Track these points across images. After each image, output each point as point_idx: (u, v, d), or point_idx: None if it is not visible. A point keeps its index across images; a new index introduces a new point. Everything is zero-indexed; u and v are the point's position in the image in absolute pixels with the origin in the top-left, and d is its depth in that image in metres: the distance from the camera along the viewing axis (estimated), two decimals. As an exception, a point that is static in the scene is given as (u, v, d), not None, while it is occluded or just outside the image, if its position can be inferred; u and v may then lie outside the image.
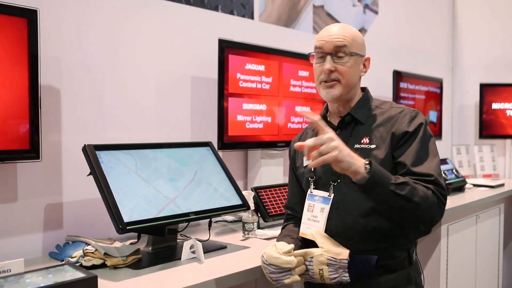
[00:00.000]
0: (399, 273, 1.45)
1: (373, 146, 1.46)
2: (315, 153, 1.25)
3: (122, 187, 1.60)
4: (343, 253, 1.37)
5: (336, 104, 1.54)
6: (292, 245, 1.42)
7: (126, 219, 1.52)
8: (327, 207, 1.48)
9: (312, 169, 1.54)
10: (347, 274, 1.35)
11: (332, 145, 1.24)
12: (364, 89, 1.60)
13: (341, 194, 1.47)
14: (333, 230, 1.46)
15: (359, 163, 1.28)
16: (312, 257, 1.39)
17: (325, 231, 1.46)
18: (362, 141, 1.48)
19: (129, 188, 1.61)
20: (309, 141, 1.26)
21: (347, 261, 1.35)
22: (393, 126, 1.46)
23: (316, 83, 1.55)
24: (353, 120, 1.52)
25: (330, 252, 1.37)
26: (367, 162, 1.28)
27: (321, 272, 1.37)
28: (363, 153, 1.43)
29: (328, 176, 1.51)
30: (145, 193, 1.65)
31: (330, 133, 1.27)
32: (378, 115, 1.52)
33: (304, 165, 1.60)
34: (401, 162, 1.42)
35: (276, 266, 1.38)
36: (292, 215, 1.69)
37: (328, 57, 1.47)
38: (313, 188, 1.54)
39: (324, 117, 1.60)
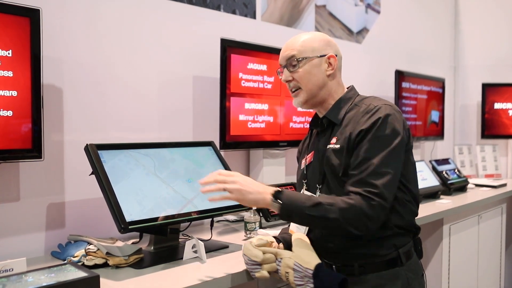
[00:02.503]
0: (388, 272, 1.43)
1: (337, 146, 1.46)
2: (217, 188, 1.38)
3: (124, 186, 1.60)
4: (311, 263, 1.36)
5: (312, 108, 1.59)
6: (269, 240, 1.45)
7: (128, 218, 1.53)
8: None
9: (304, 172, 1.59)
10: (312, 285, 1.35)
11: (233, 187, 1.37)
12: (351, 88, 1.60)
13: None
14: (316, 231, 1.50)
15: (266, 196, 1.37)
16: (281, 258, 1.40)
17: (308, 232, 1.52)
18: (331, 141, 1.50)
19: (131, 187, 1.62)
20: (209, 178, 1.40)
21: (312, 271, 1.35)
22: (353, 126, 1.46)
23: None
24: (331, 122, 1.54)
25: (298, 258, 1.38)
26: (273, 193, 1.37)
27: (287, 275, 1.39)
28: (331, 153, 1.47)
29: (314, 179, 1.55)
30: (148, 192, 1.65)
31: (233, 172, 1.42)
32: (352, 113, 1.51)
33: (301, 168, 1.64)
34: (349, 164, 1.43)
35: (248, 257, 1.42)
36: None
37: (284, 70, 1.55)
38: (305, 190, 1.58)
39: (317, 120, 1.61)
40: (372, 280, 1.43)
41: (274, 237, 1.57)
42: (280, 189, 1.40)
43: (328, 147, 1.49)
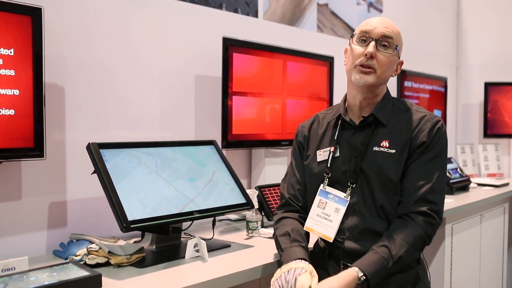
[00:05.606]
0: (408, 273, 1.46)
1: (392, 151, 1.45)
2: None
3: (126, 185, 1.60)
4: None
5: (362, 95, 1.50)
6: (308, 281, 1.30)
7: (130, 217, 1.52)
8: (342, 209, 1.47)
9: (328, 165, 1.52)
10: None
11: None
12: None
13: (358, 196, 1.47)
14: (346, 231, 1.47)
15: (353, 282, 1.28)
16: None
17: (338, 232, 1.47)
18: (381, 144, 1.47)
19: (133, 186, 1.61)
20: None
21: None
22: (413, 132, 1.46)
23: (349, 67, 1.51)
24: (375, 121, 1.50)
25: None
26: (359, 279, 1.29)
27: None
28: (382, 156, 1.45)
29: (346, 177, 1.49)
30: (150, 191, 1.65)
31: None
32: (399, 117, 1.50)
33: (319, 160, 1.56)
34: (407, 178, 1.44)
35: None
36: (291, 205, 1.61)
37: (373, 42, 1.46)
38: (327, 185, 1.52)
39: (345, 113, 1.55)
40: (393, 282, 1.43)
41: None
42: (362, 273, 1.30)
43: (377, 148, 1.47)
